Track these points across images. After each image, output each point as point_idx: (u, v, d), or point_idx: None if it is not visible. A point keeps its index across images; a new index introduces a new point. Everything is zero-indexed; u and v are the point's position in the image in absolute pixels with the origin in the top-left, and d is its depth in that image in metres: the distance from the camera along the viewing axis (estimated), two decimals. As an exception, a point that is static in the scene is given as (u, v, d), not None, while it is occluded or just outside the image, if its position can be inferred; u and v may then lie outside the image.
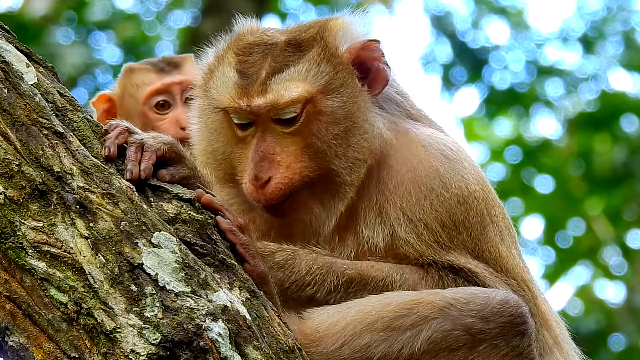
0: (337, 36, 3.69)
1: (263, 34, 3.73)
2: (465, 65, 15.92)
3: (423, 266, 3.60)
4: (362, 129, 3.64)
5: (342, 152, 3.61)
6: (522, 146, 16.07)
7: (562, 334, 3.81)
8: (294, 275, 3.51)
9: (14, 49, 3.32)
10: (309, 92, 3.60)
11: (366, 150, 3.63)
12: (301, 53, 3.64)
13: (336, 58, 3.65)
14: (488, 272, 3.61)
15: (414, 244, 3.60)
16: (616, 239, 15.87)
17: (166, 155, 3.35)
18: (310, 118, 3.60)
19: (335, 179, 3.61)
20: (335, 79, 3.63)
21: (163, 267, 3.12)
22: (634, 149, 15.05)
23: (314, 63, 3.63)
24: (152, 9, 16.02)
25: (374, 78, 3.70)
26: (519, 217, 16.05)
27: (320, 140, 3.60)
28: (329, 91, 3.62)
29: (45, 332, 3.08)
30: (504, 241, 3.69)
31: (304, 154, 3.60)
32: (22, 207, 3.12)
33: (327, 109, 3.62)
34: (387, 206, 3.63)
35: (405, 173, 3.66)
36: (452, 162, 3.70)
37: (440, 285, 3.56)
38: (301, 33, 3.70)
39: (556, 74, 15.97)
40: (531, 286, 3.68)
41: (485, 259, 3.63)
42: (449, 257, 3.59)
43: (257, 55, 3.65)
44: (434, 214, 3.61)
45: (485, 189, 3.73)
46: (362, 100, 3.66)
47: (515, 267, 3.67)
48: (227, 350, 3.08)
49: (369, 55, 3.69)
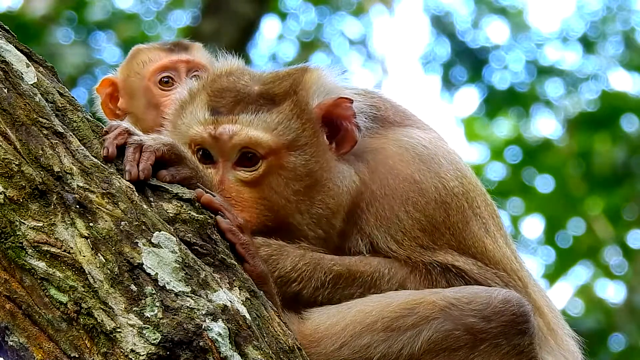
0: (309, 91, 3.67)
1: (238, 81, 3.70)
2: (465, 65, 15.92)
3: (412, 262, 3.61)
4: (326, 187, 3.63)
5: (305, 208, 3.60)
6: (522, 146, 16.07)
7: (555, 317, 3.82)
8: (277, 271, 3.50)
9: (14, 48, 3.31)
10: (275, 143, 3.59)
11: (333, 206, 3.62)
12: (272, 106, 3.63)
13: (306, 115, 3.64)
14: (477, 267, 3.62)
15: (396, 250, 3.60)
16: (616, 238, 15.88)
17: (166, 156, 3.35)
18: (271, 171, 3.59)
19: (297, 233, 3.60)
20: (301, 136, 3.62)
21: (163, 266, 3.12)
22: (634, 149, 15.04)
23: (285, 117, 3.62)
24: (152, 9, 16.03)
25: (342, 137, 3.68)
26: (519, 217, 16.05)
27: (278, 195, 3.59)
28: (294, 147, 3.61)
29: (45, 332, 3.08)
30: (488, 232, 3.70)
31: (261, 204, 3.58)
32: (22, 207, 3.12)
33: (289, 164, 3.60)
34: (360, 222, 3.64)
35: (378, 190, 3.66)
36: (428, 164, 3.70)
37: (428, 279, 3.57)
38: (275, 86, 3.68)
39: (556, 73, 15.98)
40: (521, 275, 3.69)
41: (472, 254, 3.64)
42: (436, 257, 3.60)
43: (229, 99, 3.65)
44: (411, 221, 3.62)
45: (465, 180, 3.73)
46: (325, 158, 3.64)
47: (503, 259, 3.67)
48: (227, 350, 3.08)
49: (340, 113, 3.67)
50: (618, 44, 16.17)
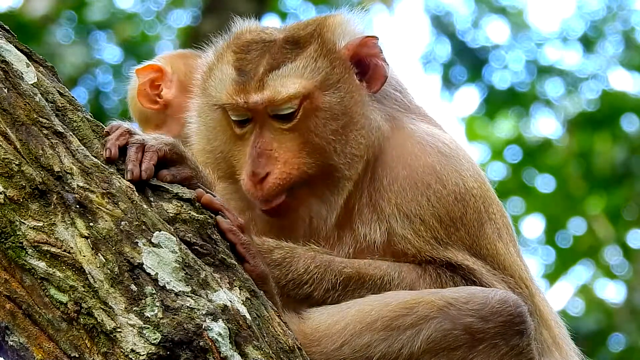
0: (335, 33, 3.70)
1: (261, 32, 3.74)
2: (465, 65, 15.91)
3: (421, 264, 3.60)
4: (359, 124, 3.64)
5: (340, 148, 3.62)
6: (522, 146, 16.07)
7: (561, 333, 3.81)
8: (291, 274, 3.51)
9: (14, 48, 3.31)
10: (306, 88, 3.60)
11: (363, 146, 3.64)
12: (299, 50, 3.65)
13: (333, 54, 3.66)
14: (486, 269, 3.61)
15: (411, 239, 3.60)
16: (616, 238, 15.87)
17: (167, 156, 3.35)
18: (307, 114, 3.61)
19: (334, 174, 3.62)
20: (332, 74, 3.64)
21: (163, 266, 3.12)
22: (634, 149, 15.04)
23: (311, 59, 3.63)
24: (152, 9, 16.02)
25: (372, 75, 3.71)
26: (519, 217, 16.05)
27: (319, 137, 3.61)
28: (326, 87, 3.63)
29: (45, 332, 3.08)
30: (501, 238, 3.70)
31: (302, 150, 3.61)
32: (22, 206, 3.12)
33: (325, 104, 3.62)
34: (381, 202, 3.64)
35: (401, 170, 3.66)
36: (449, 159, 3.71)
37: (438, 282, 3.57)
38: (299, 30, 3.71)
39: (556, 73, 15.97)
40: (529, 284, 3.68)
41: (483, 255, 3.63)
42: (447, 253, 3.60)
43: (255, 53, 3.66)
44: (431, 209, 3.62)
45: (483, 187, 3.73)
46: (359, 95, 3.66)
47: (513, 265, 3.67)
48: (227, 350, 3.08)
49: (367, 51, 3.70)
50: (618, 43, 16.17)
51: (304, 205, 3.63)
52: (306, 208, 3.64)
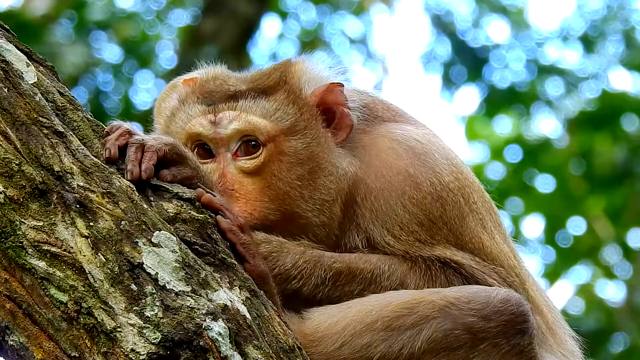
0: (300, 79, 3.69)
1: (225, 82, 3.72)
2: (465, 64, 15.91)
3: (411, 257, 3.61)
4: (327, 171, 3.63)
5: (308, 194, 3.61)
6: (522, 145, 16.07)
7: (554, 317, 3.81)
8: (277, 268, 3.49)
9: (14, 48, 3.31)
10: (274, 130, 3.61)
11: (334, 191, 3.63)
12: (267, 95, 3.65)
13: (301, 100, 3.66)
14: (475, 261, 3.62)
15: (393, 244, 3.60)
16: (617, 238, 15.87)
17: (167, 156, 3.35)
18: (272, 158, 3.60)
19: (301, 222, 3.61)
20: (299, 121, 3.64)
21: (163, 266, 3.12)
22: (635, 149, 15.04)
23: (281, 104, 3.63)
24: (153, 8, 16.02)
25: (339, 123, 3.70)
26: (519, 217, 16.05)
27: (282, 182, 3.59)
28: (293, 132, 3.63)
29: (45, 332, 3.08)
30: (485, 229, 3.69)
31: (264, 195, 3.59)
32: (22, 206, 3.12)
33: (290, 149, 3.61)
34: (356, 219, 3.64)
35: (373, 183, 3.66)
36: (422, 158, 3.70)
37: (428, 275, 3.57)
38: (264, 80, 3.71)
39: (556, 73, 15.97)
40: (518, 272, 3.69)
41: (469, 249, 3.64)
42: (434, 251, 3.60)
43: (222, 96, 3.66)
44: (408, 216, 3.62)
45: (460, 176, 3.72)
46: (325, 142, 3.66)
47: (500, 254, 3.67)
48: (227, 350, 3.08)
49: (333, 99, 3.70)
50: (618, 43, 16.17)
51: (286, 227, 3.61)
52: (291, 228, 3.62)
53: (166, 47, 15.61)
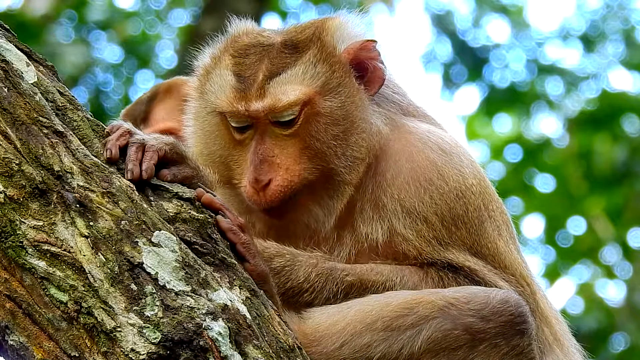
0: (334, 36, 3.68)
1: (259, 35, 3.72)
2: (465, 64, 15.92)
3: (422, 267, 3.60)
4: (360, 128, 3.63)
5: (341, 151, 3.61)
6: (522, 145, 16.08)
7: (562, 330, 3.81)
8: (290, 282, 3.50)
9: (14, 47, 3.31)
10: (306, 94, 3.59)
11: (364, 149, 3.63)
12: (298, 54, 3.64)
13: (333, 58, 3.65)
14: (487, 268, 3.61)
15: (412, 240, 3.59)
16: (616, 238, 15.87)
17: (168, 156, 3.35)
18: (309, 119, 3.59)
19: (335, 179, 3.61)
20: (332, 79, 3.63)
21: (163, 266, 3.12)
22: (635, 148, 15.04)
23: (311, 64, 3.62)
24: (153, 8, 16.03)
25: (371, 78, 3.70)
26: (519, 216, 16.04)
27: (320, 142, 3.60)
28: (327, 92, 3.62)
29: (45, 331, 3.08)
30: (501, 236, 3.69)
31: (303, 155, 3.60)
32: (22, 206, 3.12)
33: (326, 109, 3.61)
34: (384, 198, 3.63)
35: (404, 164, 3.66)
36: (449, 156, 3.70)
37: (440, 285, 3.56)
38: (297, 34, 3.69)
39: (556, 72, 15.97)
40: (530, 282, 3.68)
41: (483, 254, 3.63)
42: (448, 254, 3.59)
43: (254, 57, 3.65)
44: (434, 207, 3.61)
45: (483, 183, 3.72)
46: (359, 99, 3.66)
47: (514, 263, 3.67)
48: (227, 349, 3.08)
49: (367, 55, 3.70)
50: (618, 42, 16.17)
51: (304, 209, 3.63)
52: (306, 211, 3.63)
53: (166, 47, 15.62)
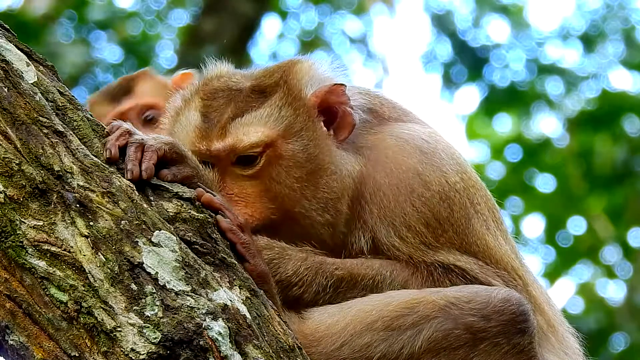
0: (300, 80, 3.70)
1: (229, 80, 3.75)
2: (465, 64, 15.91)
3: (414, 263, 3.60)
4: (328, 170, 3.64)
5: (310, 194, 3.61)
6: (522, 145, 16.08)
7: (555, 314, 3.81)
8: (278, 275, 3.50)
9: (14, 47, 3.31)
10: (268, 137, 3.61)
11: (337, 189, 3.63)
12: (264, 98, 3.67)
13: (298, 102, 3.66)
14: (478, 265, 3.62)
15: (399, 247, 3.60)
16: (617, 237, 15.88)
17: (167, 155, 3.35)
18: (270, 162, 3.61)
19: (304, 221, 3.61)
20: (295, 122, 3.64)
21: (163, 266, 3.12)
22: (635, 148, 15.05)
23: (276, 107, 3.64)
24: (153, 8, 16.03)
25: (340, 123, 3.71)
26: (519, 216, 16.06)
27: (280, 185, 3.60)
28: (290, 135, 3.63)
29: (45, 331, 3.08)
30: (489, 230, 3.70)
31: (264, 196, 3.60)
32: (22, 206, 3.12)
33: (288, 152, 3.62)
34: (364, 216, 3.64)
35: (382, 179, 3.66)
36: (430, 157, 3.70)
37: (430, 280, 3.57)
38: (266, 78, 3.72)
39: (557, 72, 15.97)
40: (521, 273, 3.69)
41: (473, 252, 3.63)
42: (437, 256, 3.60)
43: (222, 100, 3.68)
44: (417, 215, 3.62)
45: (465, 176, 3.73)
46: (324, 143, 3.66)
47: (504, 257, 3.67)
48: (227, 349, 3.08)
49: (335, 99, 3.70)
50: (618, 42, 16.17)
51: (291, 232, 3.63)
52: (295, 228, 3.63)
53: (166, 47, 15.62)
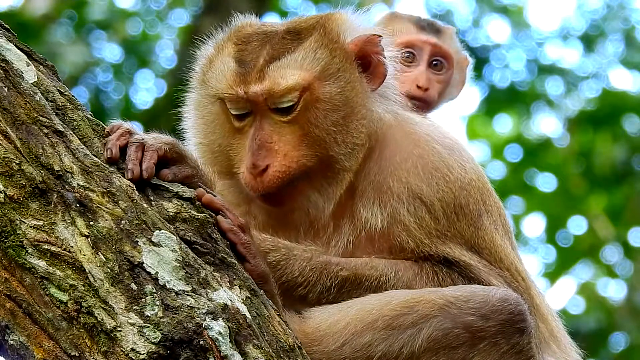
0: (340, 26, 3.70)
1: (262, 25, 3.75)
2: (465, 64, 15.87)
3: (417, 261, 3.60)
4: (360, 114, 3.64)
5: (341, 138, 3.61)
6: (522, 145, 16.07)
7: (558, 326, 3.82)
8: (285, 276, 3.51)
9: (14, 47, 3.32)
10: (305, 79, 3.59)
11: (364, 135, 3.64)
12: (300, 41, 3.65)
13: (334, 44, 3.65)
14: (482, 264, 3.62)
15: (413, 229, 3.59)
16: (617, 237, 15.87)
17: (167, 155, 3.35)
18: (308, 106, 3.60)
19: (334, 166, 3.62)
20: (332, 64, 3.63)
21: (163, 265, 3.12)
22: (635, 148, 15.04)
23: (311, 50, 3.63)
24: (153, 8, 16.02)
25: (373, 71, 3.71)
26: (519, 216, 16.05)
27: (319, 129, 3.60)
28: (326, 77, 3.62)
29: (45, 331, 3.08)
30: (498, 231, 3.71)
31: (302, 142, 3.60)
32: (22, 205, 3.12)
33: (325, 95, 3.61)
34: (390, 181, 3.64)
35: (412, 149, 3.68)
36: (452, 150, 3.73)
37: (435, 280, 3.57)
38: (301, 22, 3.72)
39: (557, 72, 15.97)
40: (525, 277, 3.70)
41: (480, 248, 3.64)
42: (445, 248, 3.60)
43: (256, 44, 3.66)
44: (440, 194, 3.63)
45: (481, 178, 3.76)
46: (360, 87, 3.66)
47: (509, 257, 3.68)
48: (227, 349, 3.08)
49: (372, 49, 3.70)
50: (618, 42, 16.17)
51: (302, 195, 3.63)
52: (304, 198, 3.63)
53: (166, 47, 15.62)
